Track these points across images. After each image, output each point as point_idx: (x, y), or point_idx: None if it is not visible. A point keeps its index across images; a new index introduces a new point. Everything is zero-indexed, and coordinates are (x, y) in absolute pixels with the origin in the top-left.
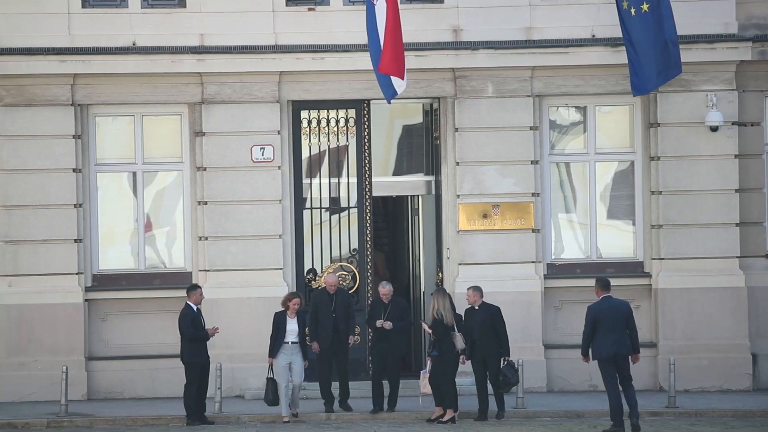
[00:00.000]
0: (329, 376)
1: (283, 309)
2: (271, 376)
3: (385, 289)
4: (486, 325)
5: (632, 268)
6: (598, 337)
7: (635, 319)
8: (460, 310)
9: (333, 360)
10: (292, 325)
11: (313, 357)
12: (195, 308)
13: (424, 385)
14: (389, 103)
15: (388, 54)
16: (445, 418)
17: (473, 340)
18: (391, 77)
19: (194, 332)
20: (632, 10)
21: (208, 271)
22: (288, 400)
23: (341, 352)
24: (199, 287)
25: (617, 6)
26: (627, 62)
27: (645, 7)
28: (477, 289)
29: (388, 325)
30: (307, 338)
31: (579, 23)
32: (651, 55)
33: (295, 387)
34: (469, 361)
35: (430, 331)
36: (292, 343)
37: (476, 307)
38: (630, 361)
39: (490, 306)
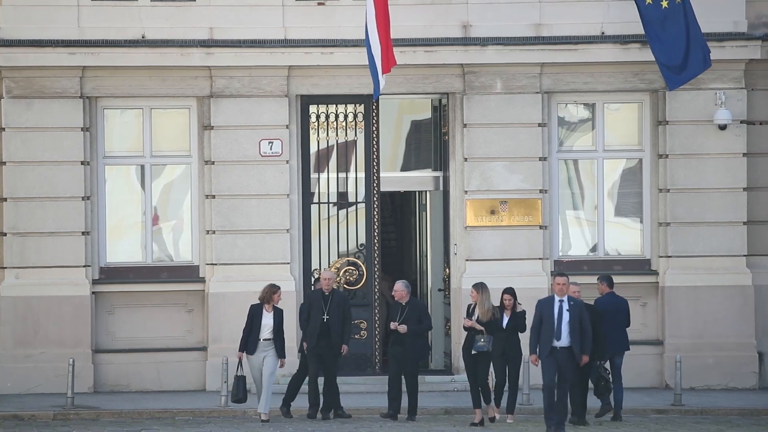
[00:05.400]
0: (315, 379)
1: (259, 302)
2: (241, 373)
3: (396, 286)
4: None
5: (639, 266)
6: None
7: (644, 316)
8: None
9: (320, 363)
10: (267, 320)
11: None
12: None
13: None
14: (374, 99)
15: (384, 53)
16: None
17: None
18: (378, 73)
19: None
20: (663, 3)
21: (215, 264)
22: (263, 397)
23: (329, 359)
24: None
25: (636, 2)
26: (636, 60)
27: (665, 3)
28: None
29: (402, 328)
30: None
31: (589, 20)
32: (681, 48)
33: (264, 385)
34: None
35: (479, 326)
36: (265, 339)
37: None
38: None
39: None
